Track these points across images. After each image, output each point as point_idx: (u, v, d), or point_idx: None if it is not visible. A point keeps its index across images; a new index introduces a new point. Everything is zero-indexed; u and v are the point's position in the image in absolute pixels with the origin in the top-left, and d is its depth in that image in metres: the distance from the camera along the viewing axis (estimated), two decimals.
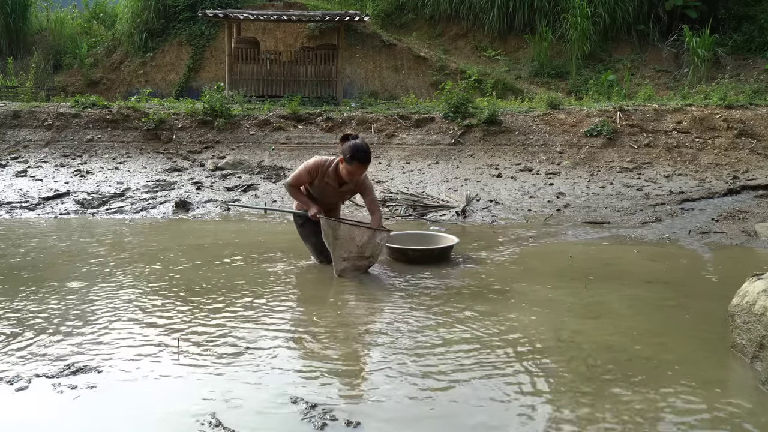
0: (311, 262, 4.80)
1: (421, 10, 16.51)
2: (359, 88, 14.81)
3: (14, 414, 2.44)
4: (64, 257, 4.91)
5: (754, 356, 2.87)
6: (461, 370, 2.84)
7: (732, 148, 8.91)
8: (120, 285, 4.14)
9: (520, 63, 15.06)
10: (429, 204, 7.20)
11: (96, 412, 2.46)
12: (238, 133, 9.85)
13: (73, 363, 2.84)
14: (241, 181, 8.32)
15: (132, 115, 10.06)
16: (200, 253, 5.08)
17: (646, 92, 10.92)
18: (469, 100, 10.04)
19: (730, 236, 5.93)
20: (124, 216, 6.83)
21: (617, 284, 4.29)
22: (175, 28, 15.85)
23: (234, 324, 3.41)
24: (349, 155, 4.29)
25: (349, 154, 4.29)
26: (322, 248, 4.62)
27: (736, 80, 12.26)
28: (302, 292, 4.19)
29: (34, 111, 10.20)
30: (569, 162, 8.86)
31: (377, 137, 9.67)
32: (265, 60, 12.71)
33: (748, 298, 2.99)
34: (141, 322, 3.43)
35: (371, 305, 3.86)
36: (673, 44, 14.48)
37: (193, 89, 14.53)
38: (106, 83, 15.53)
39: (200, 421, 2.35)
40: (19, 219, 6.62)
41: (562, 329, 3.39)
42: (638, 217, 6.74)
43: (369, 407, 2.49)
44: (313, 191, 4.65)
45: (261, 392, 2.61)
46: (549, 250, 5.38)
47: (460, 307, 3.74)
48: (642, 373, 2.82)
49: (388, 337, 3.24)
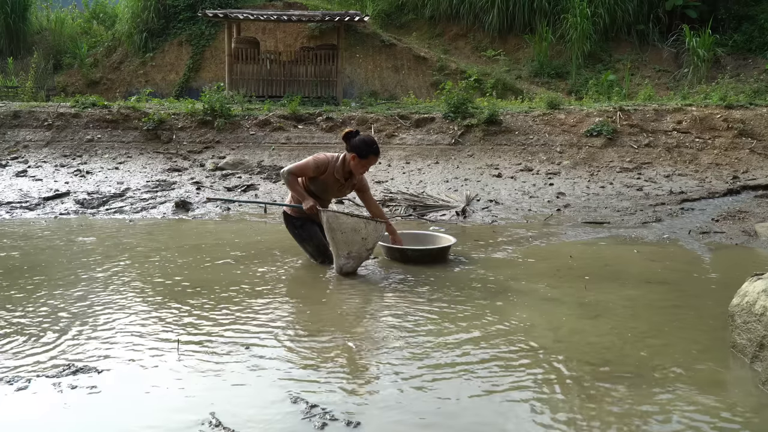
0: (311, 262, 4.79)
1: (421, 10, 16.51)
2: (359, 88, 14.82)
3: (14, 414, 2.44)
4: (64, 257, 4.91)
5: (754, 356, 2.87)
6: (461, 369, 2.84)
7: (732, 148, 8.91)
8: (120, 285, 4.14)
9: (520, 63, 15.06)
10: (429, 204, 7.20)
11: (96, 412, 2.46)
12: (238, 133, 9.85)
13: (73, 363, 2.84)
14: (241, 181, 8.32)
15: (132, 115, 10.06)
16: (200, 253, 5.08)
17: (646, 92, 10.92)
18: (469, 100, 10.05)
19: (730, 236, 5.93)
20: (124, 216, 6.83)
21: (617, 284, 4.29)
22: (175, 28, 15.86)
23: (234, 324, 3.41)
24: (365, 150, 4.44)
25: (364, 149, 4.44)
26: (324, 248, 4.61)
27: (736, 80, 12.26)
28: (302, 292, 4.19)
29: (34, 111, 10.20)
30: (569, 162, 8.86)
31: (377, 137, 9.66)
32: (265, 60, 12.71)
33: (748, 298, 2.99)
34: (141, 322, 3.43)
35: (371, 305, 3.86)
36: (673, 44, 14.48)
37: (193, 89, 14.54)
38: (106, 83, 15.53)
39: (200, 421, 2.35)
40: (19, 219, 6.62)
41: (561, 329, 3.39)
42: (638, 217, 6.74)
43: (369, 407, 2.49)
44: (315, 187, 4.63)
45: (261, 392, 2.61)
46: (549, 250, 5.38)
47: (460, 307, 3.74)
48: (641, 373, 2.82)
49: (389, 337, 3.24)
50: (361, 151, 4.44)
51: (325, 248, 4.59)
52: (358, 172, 4.57)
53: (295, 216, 4.74)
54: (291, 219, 4.77)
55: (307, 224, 4.70)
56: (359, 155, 4.44)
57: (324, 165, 4.54)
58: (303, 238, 4.75)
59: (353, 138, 4.50)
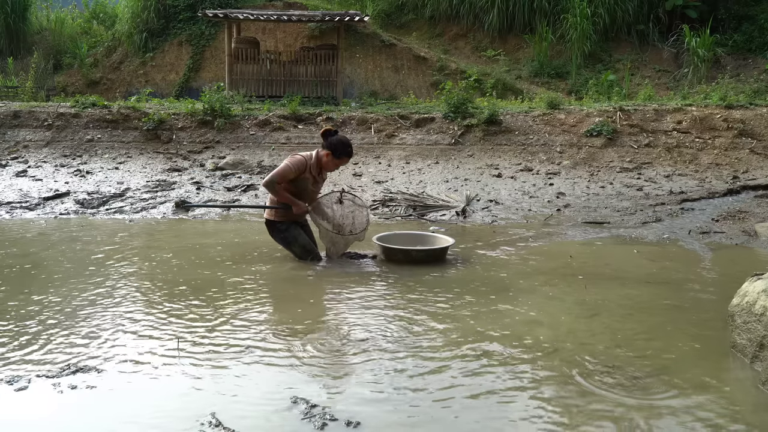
0: (311, 262, 4.80)
1: (421, 10, 16.51)
2: (359, 88, 14.82)
3: (14, 414, 2.44)
4: (64, 257, 4.91)
5: (754, 356, 2.87)
6: (461, 369, 2.84)
7: (732, 148, 8.91)
8: (120, 285, 4.14)
9: (520, 63, 15.06)
10: (429, 204, 7.20)
11: (96, 412, 2.46)
12: (238, 133, 9.85)
13: (73, 363, 2.84)
14: (241, 181, 8.32)
15: (132, 115, 10.06)
16: (200, 253, 5.08)
17: (646, 92, 10.92)
18: (469, 100, 10.04)
19: (730, 236, 5.93)
20: (124, 216, 6.83)
21: (617, 284, 4.29)
22: (175, 28, 15.86)
23: (234, 324, 3.41)
24: (341, 150, 4.66)
25: (340, 148, 4.65)
26: (311, 247, 4.84)
27: (736, 80, 12.26)
28: (302, 292, 4.18)
29: (34, 111, 10.20)
30: (569, 162, 8.86)
31: (377, 137, 9.68)
32: (265, 60, 12.71)
33: (748, 298, 2.99)
34: (141, 322, 3.43)
35: (372, 305, 3.86)
36: (673, 44, 14.48)
37: (193, 89, 14.54)
38: (106, 83, 15.53)
39: (200, 421, 2.35)
40: (19, 219, 6.62)
41: (561, 328, 3.39)
42: (638, 217, 6.74)
43: (369, 407, 2.49)
44: (295, 187, 4.75)
45: (261, 392, 2.61)
46: (549, 250, 5.38)
47: (460, 307, 3.74)
48: (641, 372, 2.82)
49: (389, 337, 3.24)
50: (336, 150, 4.64)
51: (312, 247, 4.84)
52: (328, 168, 4.80)
53: (279, 221, 4.84)
54: (275, 224, 4.87)
55: (291, 226, 4.84)
56: (334, 154, 4.65)
57: (302, 165, 4.68)
58: (289, 240, 4.85)
59: (331, 136, 4.68)
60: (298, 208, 4.68)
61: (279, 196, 4.70)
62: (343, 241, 4.83)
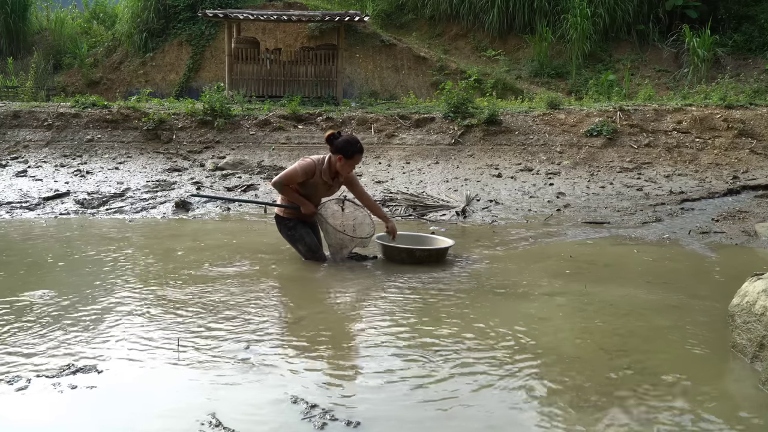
0: (311, 261, 4.80)
1: (421, 10, 16.52)
2: (359, 88, 14.82)
3: (14, 414, 2.44)
4: (64, 257, 4.91)
5: (754, 356, 2.87)
6: (462, 370, 2.84)
7: (732, 148, 8.91)
8: (120, 285, 4.14)
9: (520, 63, 15.06)
10: (429, 204, 7.20)
11: (96, 412, 2.46)
12: (238, 133, 9.85)
13: (73, 363, 2.84)
14: (241, 181, 8.33)
15: (132, 115, 10.06)
16: (200, 253, 5.08)
17: (646, 92, 10.91)
18: (469, 100, 10.04)
19: (730, 236, 5.93)
20: (124, 216, 6.83)
21: (617, 284, 4.29)
22: (175, 28, 15.86)
23: (234, 324, 3.41)
24: (350, 150, 4.55)
25: (349, 149, 4.55)
26: (316, 248, 4.81)
27: (736, 80, 12.25)
28: (302, 292, 4.19)
29: (34, 111, 10.20)
30: (569, 162, 8.86)
31: (377, 137, 9.67)
32: (265, 60, 12.71)
33: (748, 298, 2.99)
34: (141, 322, 3.43)
35: (372, 305, 3.86)
36: (673, 44, 14.48)
37: (193, 89, 14.54)
38: (106, 83, 15.53)
39: (200, 421, 2.35)
40: (19, 219, 6.62)
41: (561, 328, 3.39)
42: (638, 217, 6.74)
43: (369, 407, 2.49)
44: (305, 190, 4.73)
45: (261, 392, 2.61)
46: (549, 250, 5.38)
47: (460, 307, 3.74)
48: (641, 372, 2.82)
49: (389, 337, 3.24)
50: (346, 151, 4.55)
51: (317, 247, 4.80)
52: (345, 171, 4.66)
53: (288, 217, 4.83)
54: (284, 220, 4.87)
55: (299, 225, 4.82)
56: (345, 156, 4.56)
57: (311, 169, 4.64)
58: (295, 238, 4.84)
59: (336, 140, 4.58)
60: (306, 209, 4.68)
61: (287, 196, 4.73)
62: (350, 243, 4.80)
